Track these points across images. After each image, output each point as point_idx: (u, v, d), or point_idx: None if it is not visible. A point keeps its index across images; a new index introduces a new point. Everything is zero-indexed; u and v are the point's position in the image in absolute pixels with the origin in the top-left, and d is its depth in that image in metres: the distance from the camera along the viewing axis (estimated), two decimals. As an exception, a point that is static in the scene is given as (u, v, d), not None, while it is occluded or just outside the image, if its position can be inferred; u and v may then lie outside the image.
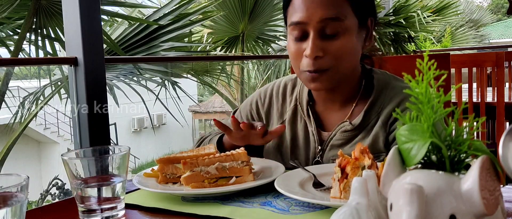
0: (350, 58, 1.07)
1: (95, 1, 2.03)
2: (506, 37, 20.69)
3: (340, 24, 1.03)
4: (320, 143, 1.16)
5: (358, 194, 0.47)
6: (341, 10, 1.03)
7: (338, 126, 1.14)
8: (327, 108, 1.19)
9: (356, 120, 1.12)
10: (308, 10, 1.03)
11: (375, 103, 1.12)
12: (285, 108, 1.24)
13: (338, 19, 1.03)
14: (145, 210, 0.86)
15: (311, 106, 1.19)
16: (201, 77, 4.82)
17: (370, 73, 1.18)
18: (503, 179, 0.48)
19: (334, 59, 1.04)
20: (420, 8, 5.36)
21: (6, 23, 3.35)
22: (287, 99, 1.24)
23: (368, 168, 0.78)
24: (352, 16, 1.05)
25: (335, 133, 1.14)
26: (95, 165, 0.77)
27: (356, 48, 1.08)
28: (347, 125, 1.12)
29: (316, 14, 1.02)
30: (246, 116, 1.29)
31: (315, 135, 1.16)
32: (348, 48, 1.05)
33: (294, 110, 1.22)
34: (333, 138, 1.14)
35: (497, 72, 2.44)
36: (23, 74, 5.75)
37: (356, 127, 1.11)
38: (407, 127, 0.49)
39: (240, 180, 0.93)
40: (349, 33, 1.04)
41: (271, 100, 1.27)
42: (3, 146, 3.18)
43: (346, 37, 1.04)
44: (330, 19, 1.02)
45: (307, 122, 1.18)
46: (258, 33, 5.81)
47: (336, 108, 1.18)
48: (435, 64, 0.48)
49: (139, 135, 14.99)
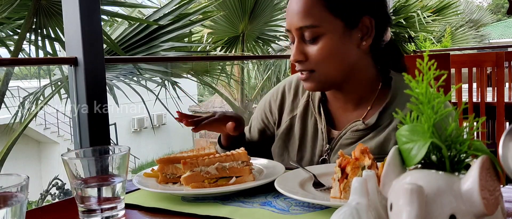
0: (332, 59, 1.08)
1: (95, 1, 2.03)
2: (506, 37, 20.68)
3: (317, 30, 1.06)
4: (328, 141, 1.16)
5: (358, 194, 0.47)
6: (316, 17, 1.06)
7: (350, 125, 1.14)
8: (339, 107, 1.19)
9: (370, 120, 1.12)
10: (290, 19, 1.10)
11: (390, 105, 1.12)
12: (297, 103, 1.25)
13: (313, 26, 1.06)
14: (145, 210, 0.86)
15: (323, 104, 1.20)
16: (201, 77, 4.82)
17: (388, 75, 1.18)
18: (503, 179, 0.48)
19: (315, 62, 1.08)
20: (420, 8, 5.37)
21: (6, 23, 3.35)
22: (300, 95, 1.26)
23: (368, 168, 0.78)
24: (333, 20, 1.06)
25: (346, 131, 1.14)
26: (95, 165, 0.77)
27: (340, 49, 1.08)
28: (359, 125, 1.12)
29: (294, 23, 1.08)
30: (261, 115, 1.32)
31: (324, 133, 1.17)
32: (328, 51, 1.07)
33: (306, 106, 1.22)
34: (343, 137, 1.14)
35: (497, 72, 2.44)
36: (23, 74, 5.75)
37: (369, 127, 1.11)
38: (408, 127, 0.49)
39: (240, 180, 0.93)
40: (328, 36, 1.06)
41: (283, 95, 1.29)
42: (3, 146, 3.18)
43: (325, 40, 1.06)
44: (305, 27, 1.07)
45: (318, 119, 1.19)
46: (258, 33, 5.82)
47: (350, 108, 1.18)
48: (435, 64, 0.48)
49: (139, 135, 14.99)
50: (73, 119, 2.13)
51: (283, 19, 6.15)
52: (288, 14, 1.11)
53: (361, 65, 1.14)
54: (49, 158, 12.74)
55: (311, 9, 1.06)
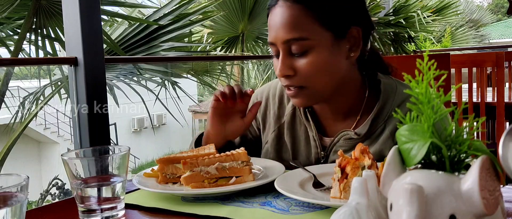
0: (323, 73, 1.03)
1: (95, 1, 2.03)
2: (506, 37, 20.68)
3: (306, 43, 1.01)
4: (322, 149, 1.14)
5: (358, 194, 0.47)
6: (305, 29, 1.01)
7: (340, 133, 1.12)
8: (328, 117, 1.16)
9: (361, 129, 1.09)
10: (274, 32, 1.04)
11: (382, 110, 1.09)
12: (283, 111, 1.21)
13: (302, 39, 1.00)
14: (145, 210, 0.86)
15: (310, 112, 1.16)
16: (201, 77, 4.81)
17: (375, 79, 1.14)
18: (503, 179, 0.48)
19: (305, 77, 1.03)
20: (420, 8, 5.36)
21: (6, 23, 3.34)
22: (285, 102, 1.22)
23: (368, 168, 0.78)
24: (322, 32, 1.01)
25: (338, 139, 1.12)
26: (95, 165, 0.77)
27: (331, 62, 1.03)
28: (352, 135, 1.09)
29: (280, 36, 1.02)
30: None
31: (317, 140, 1.14)
32: (319, 64, 1.02)
33: (293, 114, 1.19)
34: (336, 144, 1.12)
35: (497, 72, 2.45)
36: (23, 74, 5.75)
37: (362, 136, 1.09)
38: (408, 127, 0.49)
39: (240, 180, 0.93)
40: (319, 49, 1.01)
41: (267, 103, 1.25)
42: (3, 146, 3.18)
43: (315, 53, 1.01)
44: (293, 40, 1.01)
45: (307, 127, 1.16)
46: (258, 33, 5.81)
47: (339, 118, 1.15)
48: (435, 64, 0.48)
49: (139, 135, 14.99)
50: (73, 119, 2.13)
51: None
52: (271, 26, 1.05)
53: (349, 77, 1.10)
54: (49, 158, 12.74)
55: (299, 21, 1.01)
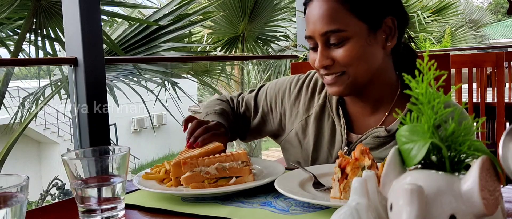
0: (360, 62, 1.07)
1: (95, 1, 2.03)
2: (506, 37, 20.67)
3: (343, 34, 1.05)
4: (347, 144, 1.16)
5: (358, 194, 0.47)
6: (341, 21, 1.05)
7: (371, 131, 1.13)
8: (357, 111, 1.19)
9: (391, 127, 1.11)
10: (312, 25, 1.09)
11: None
12: (313, 103, 1.24)
13: (339, 30, 1.05)
14: (145, 210, 0.86)
15: (341, 106, 1.19)
16: (201, 78, 4.81)
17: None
18: (503, 179, 0.48)
19: (343, 66, 1.07)
20: (420, 8, 5.37)
21: (6, 23, 3.35)
22: (316, 95, 1.24)
23: (368, 168, 0.78)
24: (357, 23, 1.06)
25: (367, 136, 1.13)
26: (95, 166, 0.77)
27: (367, 51, 1.08)
28: (381, 132, 1.11)
29: (318, 29, 1.07)
30: (270, 99, 1.31)
31: (344, 135, 1.16)
32: (355, 54, 1.06)
33: (322, 107, 1.22)
34: (363, 141, 1.14)
35: (497, 72, 2.44)
36: (23, 74, 5.75)
37: (391, 134, 1.11)
38: (408, 127, 0.49)
39: (240, 180, 0.93)
40: (355, 39, 1.06)
41: (300, 91, 1.27)
42: (3, 146, 3.17)
43: (352, 43, 1.05)
44: (330, 31, 1.05)
45: (336, 121, 1.18)
46: (258, 33, 5.81)
47: (367, 112, 1.17)
48: (435, 65, 0.48)
49: (139, 135, 14.98)
50: (73, 119, 2.13)
51: (283, 19, 6.15)
52: (309, 20, 1.09)
53: (384, 68, 1.14)
54: (49, 158, 12.73)
55: (336, 14, 1.05)
